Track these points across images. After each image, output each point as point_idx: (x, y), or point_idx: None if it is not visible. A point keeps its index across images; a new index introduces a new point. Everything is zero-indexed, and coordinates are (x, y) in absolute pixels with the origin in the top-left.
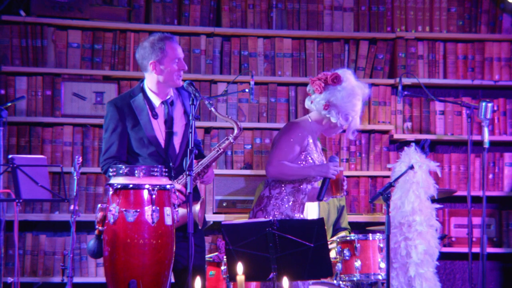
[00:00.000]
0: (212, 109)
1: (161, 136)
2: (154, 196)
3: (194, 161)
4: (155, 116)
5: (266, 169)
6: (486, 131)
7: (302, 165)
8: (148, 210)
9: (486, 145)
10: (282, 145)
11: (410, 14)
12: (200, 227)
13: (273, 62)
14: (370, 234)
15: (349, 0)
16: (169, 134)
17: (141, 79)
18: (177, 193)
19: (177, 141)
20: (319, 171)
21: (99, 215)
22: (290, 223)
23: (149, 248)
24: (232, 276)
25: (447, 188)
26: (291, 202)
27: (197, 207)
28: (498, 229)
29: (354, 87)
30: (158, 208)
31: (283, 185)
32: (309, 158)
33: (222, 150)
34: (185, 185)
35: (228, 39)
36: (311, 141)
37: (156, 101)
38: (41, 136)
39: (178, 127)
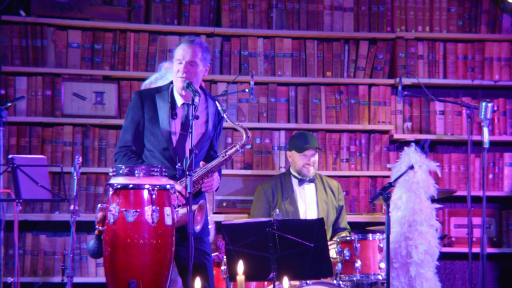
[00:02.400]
0: (225, 115)
1: (175, 136)
2: (154, 196)
3: (202, 162)
4: (174, 116)
5: None
6: (486, 131)
7: None
8: (148, 210)
9: (486, 145)
10: None
11: (410, 14)
12: (197, 230)
13: (273, 62)
14: (370, 234)
15: (349, 0)
16: (183, 136)
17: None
18: (176, 194)
19: (189, 145)
20: None
21: (99, 215)
22: (290, 223)
23: (149, 248)
24: (232, 276)
25: (447, 188)
26: None
27: (193, 208)
28: (498, 229)
29: None
30: (158, 208)
31: None
32: None
33: (227, 156)
34: (186, 187)
35: (228, 39)
36: None
37: (179, 101)
38: (41, 136)
39: (194, 133)
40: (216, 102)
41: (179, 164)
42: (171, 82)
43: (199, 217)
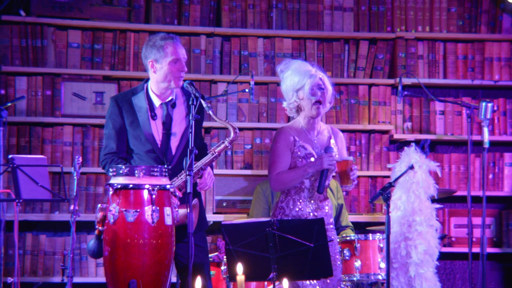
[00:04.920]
0: (210, 112)
1: (158, 136)
2: (154, 196)
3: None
4: (154, 117)
5: (269, 183)
6: (486, 131)
7: (302, 163)
8: (148, 210)
9: (486, 145)
10: (273, 155)
11: (410, 14)
12: (192, 230)
13: (273, 62)
14: (370, 234)
15: (349, 0)
16: (167, 135)
17: (145, 78)
18: (176, 194)
19: (174, 143)
20: (314, 165)
21: (99, 215)
22: (290, 223)
23: (149, 248)
24: (232, 276)
25: (447, 188)
26: (299, 202)
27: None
28: (498, 229)
29: (293, 71)
30: (158, 208)
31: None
32: (302, 154)
33: (217, 153)
34: (179, 187)
35: (228, 39)
36: (296, 138)
37: (156, 101)
38: (41, 136)
39: (177, 129)
40: (201, 100)
41: (166, 165)
42: (145, 82)
43: (193, 216)
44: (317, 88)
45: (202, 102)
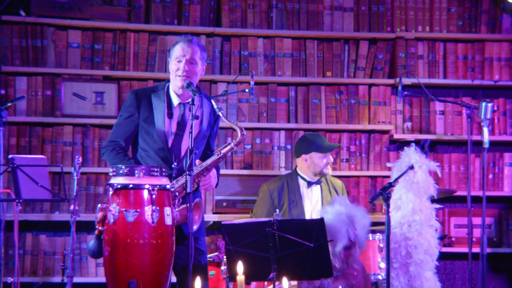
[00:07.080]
0: (220, 113)
1: (170, 136)
2: (154, 196)
3: (198, 160)
4: (170, 115)
5: None
6: (486, 131)
7: None
8: (148, 210)
9: (486, 145)
10: None
11: (410, 14)
12: (193, 230)
13: (273, 62)
14: (370, 234)
15: (349, 0)
16: (179, 136)
17: (168, 79)
18: (177, 194)
19: (185, 145)
20: None
21: (99, 215)
22: (290, 223)
23: (149, 248)
24: (232, 276)
25: (447, 188)
26: None
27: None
28: (498, 229)
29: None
30: (158, 208)
31: None
32: None
33: (222, 154)
34: (183, 186)
35: (228, 39)
36: None
37: (175, 101)
38: (41, 136)
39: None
40: (212, 101)
41: (175, 164)
42: (167, 81)
43: (196, 216)
44: None
45: (213, 103)
